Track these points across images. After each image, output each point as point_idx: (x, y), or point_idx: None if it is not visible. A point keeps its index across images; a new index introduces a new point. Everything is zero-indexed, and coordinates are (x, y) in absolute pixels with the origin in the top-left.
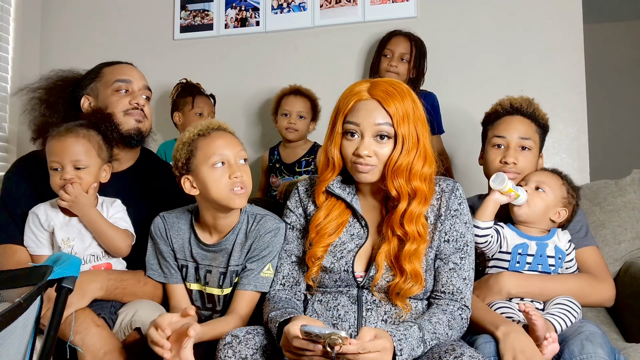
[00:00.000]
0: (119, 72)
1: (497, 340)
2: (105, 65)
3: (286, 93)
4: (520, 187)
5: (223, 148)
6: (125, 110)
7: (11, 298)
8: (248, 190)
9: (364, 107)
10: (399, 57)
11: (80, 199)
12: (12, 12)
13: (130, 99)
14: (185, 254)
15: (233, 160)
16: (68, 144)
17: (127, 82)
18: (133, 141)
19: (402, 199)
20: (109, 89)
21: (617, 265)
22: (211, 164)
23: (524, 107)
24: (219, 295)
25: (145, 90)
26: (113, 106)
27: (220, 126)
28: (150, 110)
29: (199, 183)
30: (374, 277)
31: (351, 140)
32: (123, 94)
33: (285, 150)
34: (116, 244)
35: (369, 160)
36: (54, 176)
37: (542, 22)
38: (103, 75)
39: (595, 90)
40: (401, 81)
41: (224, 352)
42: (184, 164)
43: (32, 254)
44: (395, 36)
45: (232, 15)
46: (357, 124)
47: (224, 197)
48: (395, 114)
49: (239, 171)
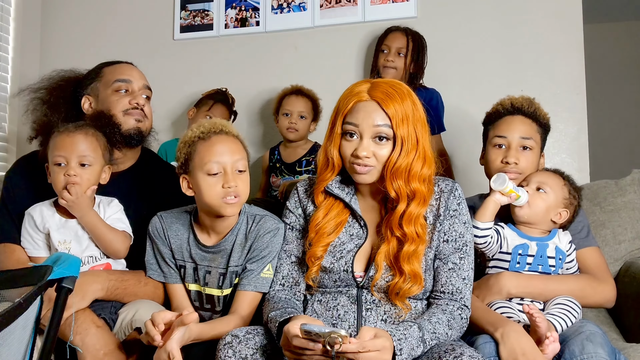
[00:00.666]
0: (118, 71)
1: (497, 341)
2: (105, 65)
3: (287, 93)
4: (521, 187)
5: (221, 155)
6: (125, 110)
7: (11, 298)
8: (242, 199)
9: (363, 108)
10: (396, 51)
11: (80, 201)
12: (12, 12)
13: (130, 98)
14: (183, 254)
15: (230, 168)
16: (77, 140)
17: (126, 81)
18: (133, 141)
19: (401, 200)
20: (109, 89)
21: (617, 265)
22: (206, 171)
23: (525, 106)
24: (219, 296)
25: (145, 89)
26: (113, 106)
27: (223, 129)
28: (150, 110)
29: (194, 186)
30: (373, 277)
31: (350, 141)
32: (123, 93)
33: (285, 150)
34: (114, 246)
35: (368, 161)
36: (57, 172)
37: (542, 22)
38: (103, 75)
39: (595, 90)
40: (400, 76)
41: (224, 352)
42: (183, 163)
43: (29, 256)
44: (392, 32)
45: (232, 15)
46: (356, 125)
47: (216, 205)
48: (395, 115)
49: (233, 181)
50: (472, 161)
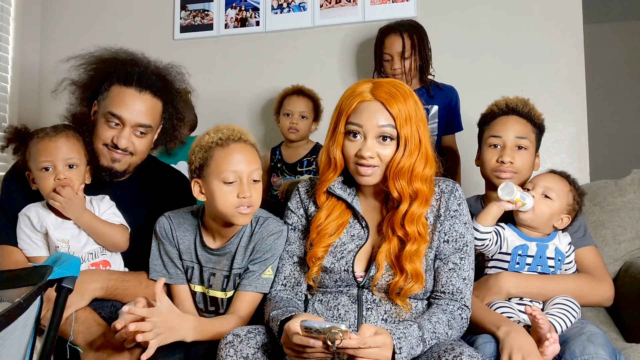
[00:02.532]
0: (117, 101)
1: (497, 340)
2: (117, 81)
3: (288, 93)
4: (526, 193)
5: (237, 164)
6: (106, 143)
7: (11, 298)
8: (255, 209)
9: (367, 109)
10: (398, 56)
11: (73, 201)
12: (12, 11)
13: (116, 135)
14: (191, 255)
15: (246, 178)
16: (60, 143)
17: (118, 117)
18: (105, 176)
19: (404, 201)
20: (103, 116)
21: (617, 265)
22: (222, 179)
23: (519, 107)
24: (223, 299)
25: (139, 127)
26: (98, 134)
27: (242, 137)
28: (143, 146)
29: (207, 192)
30: (375, 276)
31: (354, 141)
32: (112, 125)
33: (287, 150)
34: (114, 240)
35: (372, 162)
36: (45, 177)
37: (542, 22)
38: (108, 95)
39: (595, 90)
40: (411, 75)
41: (225, 351)
42: (197, 168)
43: (28, 257)
44: (387, 37)
45: (232, 15)
46: (360, 125)
47: (229, 214)
48: (399, 115)
49: (248, 191)
50: (471, 162)
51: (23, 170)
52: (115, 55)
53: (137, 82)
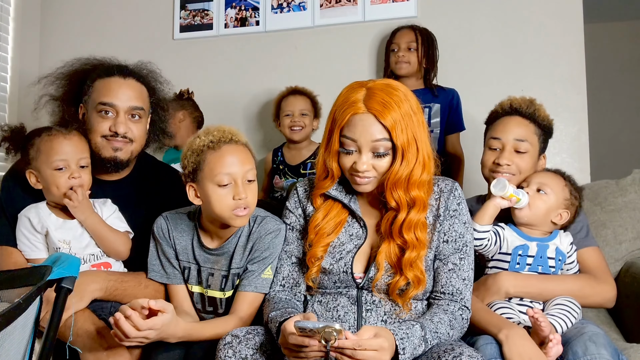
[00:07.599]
0: (105, 91)
1: (499, 342)
2: (99, 76)
3: (284, 95)
4: (521, 189)
5: (231, 166)
6: (104, 135)
7: (11, 298)
8: (252, 210)
9: (360, 122)
10: (406, 47)
11: (84, 203)
12: (11, 11)
13: (112, 124)
14: (188, 255)
15: (240, 179)
16: (75, 142)
17: (111, 105)
18: (110, 168)
19: (402, 209)
20: (94, 110)
21: (618, 265)
22: (217, 182)
23: (523, 107)
24: (221, 299)
25: (133, 110)
26: (94, 128)
27: (233, 138)
28: (139, 131)
29: (203, 195)
30: (375, 276)
31: (349, 155)
32: (106, 115)
33: (289, 152)
34: (116, 248)
35: (367, 174)
36: (58, 176)
37: (543, 22)
38: (94, 90)
39: (595, 90)
40: (414, 70)
41: (224, 352)
42: (190, 172)
43: (27, 258)
44: (399, 30)
45: (232, 15)
46: (354, 140)
47: (226, 216)
48: (393, 126)
49: (244, 192)
50: (472, 162)
51: (23, 169)
52: (86, 61)
53: (118, 71)
